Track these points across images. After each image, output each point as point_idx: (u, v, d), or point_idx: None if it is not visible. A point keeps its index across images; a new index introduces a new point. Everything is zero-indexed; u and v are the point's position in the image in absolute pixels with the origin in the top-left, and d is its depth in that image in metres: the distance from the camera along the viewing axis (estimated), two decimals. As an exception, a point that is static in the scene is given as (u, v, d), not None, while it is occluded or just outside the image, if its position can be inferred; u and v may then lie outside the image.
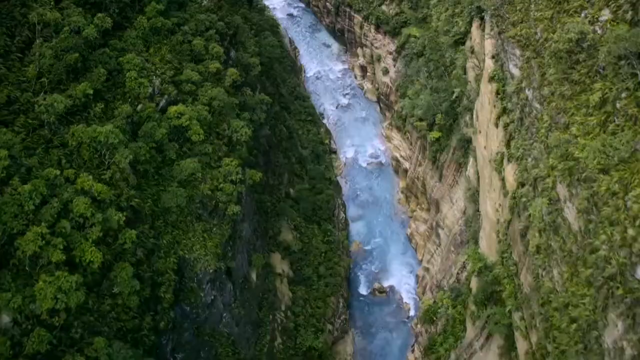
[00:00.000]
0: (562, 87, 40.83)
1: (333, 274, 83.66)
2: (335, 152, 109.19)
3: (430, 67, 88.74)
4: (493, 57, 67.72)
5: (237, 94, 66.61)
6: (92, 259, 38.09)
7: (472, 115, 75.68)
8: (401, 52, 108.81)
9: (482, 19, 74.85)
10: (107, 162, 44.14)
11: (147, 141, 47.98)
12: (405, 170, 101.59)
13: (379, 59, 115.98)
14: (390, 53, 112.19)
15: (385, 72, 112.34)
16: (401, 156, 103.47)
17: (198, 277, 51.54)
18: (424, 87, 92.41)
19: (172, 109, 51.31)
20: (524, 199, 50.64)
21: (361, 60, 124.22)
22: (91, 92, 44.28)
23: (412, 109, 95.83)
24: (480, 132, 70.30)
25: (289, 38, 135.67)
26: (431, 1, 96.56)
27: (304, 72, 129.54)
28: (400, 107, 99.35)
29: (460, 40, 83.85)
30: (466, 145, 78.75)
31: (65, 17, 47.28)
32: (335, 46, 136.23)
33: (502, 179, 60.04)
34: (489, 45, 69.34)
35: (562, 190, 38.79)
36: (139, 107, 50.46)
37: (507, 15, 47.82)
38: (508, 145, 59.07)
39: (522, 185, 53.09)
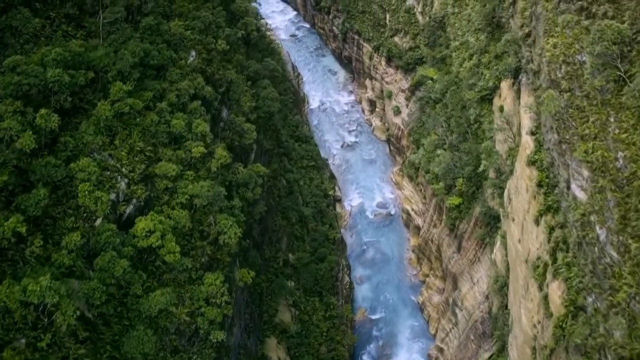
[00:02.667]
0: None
1: (336, 357, 72.49)
2: (339, 200, 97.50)
3: (452, 122, 76.69)
4: (533, 133, 56.08)
5: (226, 172, 54.83)
6: None
7: (501, 192, 64.00)
8: (415, 92, 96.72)
9: (515, 76, 63.07)
10: (45, 322, 32.66)
11: (105, 276, 36.40)
12: (417, 227, 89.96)
13: (389, 96, 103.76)
14: (403, 91, 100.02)
15: (397, 112, 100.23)
16: (413, 209, 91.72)
17: None
18: (442, 142, 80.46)
19: (140, 225, 39.56)
20: (577, 340, 39.40)
21: (369, 94, 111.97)
22: (23, 229, 32.64)
23: (427, 163, 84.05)
24: (513, 220, 58.60)
25: (292, 64, 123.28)
26: (452, 42, 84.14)
27: (308, 102, 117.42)
28: (415, 159, 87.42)
29: (487, 97, 71.77)
30: (492, 222, 67.04)
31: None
32: (342, 74, 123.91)
33: (544, 296, 48.63)
34: (526, 119, 57.58)
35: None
36: (97, 222, 38.79)
37: (574, 123, 36.21)
38: (553, 256, 47.52)
39: (574, 316, 41.87)
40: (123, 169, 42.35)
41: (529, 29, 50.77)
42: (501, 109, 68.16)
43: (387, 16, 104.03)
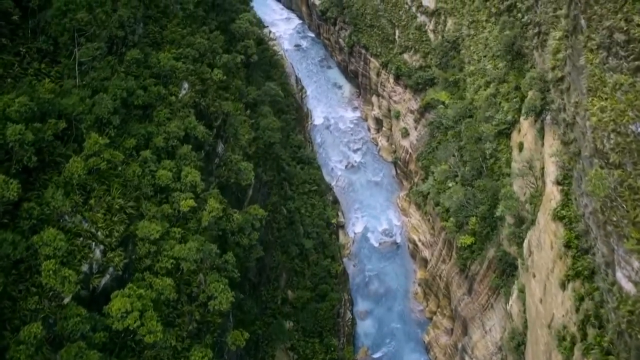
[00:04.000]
0: None
1: (336, 405, 67.13)
2: (342, 226, 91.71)
3: (465, 154, 70.69)
4: (559, 183, 50.29)
5: (220, 220, 48.99)
6: None
7: (520, 240, 58.19)
8: (424, 114, 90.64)
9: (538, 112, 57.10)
10: None
11: (69, 371, 30.81)
12: (425, 260, 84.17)
13: (397, 116, 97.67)
14: (412, 112, 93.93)
15: (405, 133, 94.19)
16: (420, 240, 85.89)
17: None
18: (454, 173, 74.50)
19: (115, 305, 33.81)
20: None
21: (376, 112, 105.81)
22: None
23: (436, 194, 78.13)
24: (534, 276, 52.84)
25: (296, 76, 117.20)
26: (466, 66, 78.00)
27: (311, 118, 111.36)
28: (424, 189, 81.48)
29: (505, 131, 65.80)
30: (508, 269, 61.36)
31: None
32: (347, 88, 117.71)
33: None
34: (552, 166, 51.79)
35: None
36: (65, 300, 33.11)
37: (624, 205, 30.42)
38: (583, 330, 41.90)
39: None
40: (99, 234, 36.55)
41: (562, 74, 44.74)
42: (520, 146, 62.29)
43: (397, 32, 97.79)
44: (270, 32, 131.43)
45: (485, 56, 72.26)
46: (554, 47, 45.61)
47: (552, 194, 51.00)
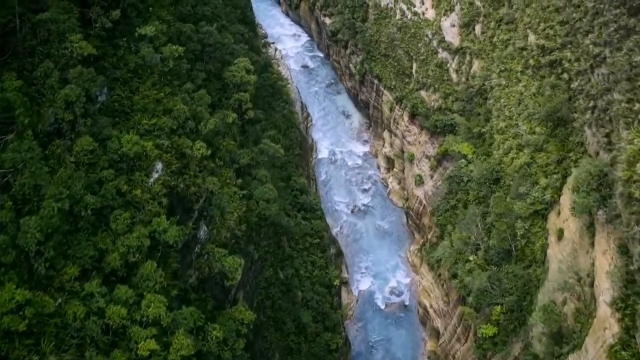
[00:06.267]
0: None
1: None
2: (346, 283, 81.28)
3: (492, 231, 59.82)
4: (617, 308, 39.93)
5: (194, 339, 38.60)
6: None
7: (557, 353, 47.53)
8: (442, 162, 79.65)
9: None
10: None
11: None
12: (436, 330, 73.72)
13: (411, 159, 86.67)
14: (428, 157, 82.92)
15: (419, 181, 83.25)
16: (432, 307, 75.35)
17: None
18: (475, 246, 63.67)
19: None
20: None
21: (387, 149, 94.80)
22: None
23: (453, 263, 67.43)
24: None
25: (301, 103, 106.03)
26: (494, 120, 66.70)
27: (316, 151, 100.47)
28: (439, 255, 70.72)
29: (542, 212, 54.88)
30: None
31: None
32: (357, 118, 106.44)
33: None
34: (606, 282, 41.45)
35: None
36: None
37: None
38: None
39: None
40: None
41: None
42: (560, 233, 51.40)
43: (414, 66, 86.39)
44: (276, 49, 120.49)
45: (519, 114, 61.07)
46: (631, 152, 34.63)
47: (607, 322, 40.46)
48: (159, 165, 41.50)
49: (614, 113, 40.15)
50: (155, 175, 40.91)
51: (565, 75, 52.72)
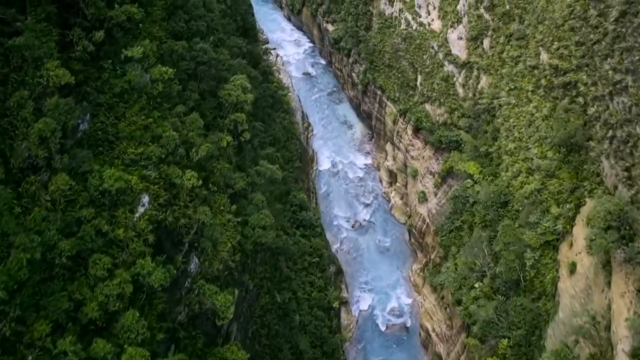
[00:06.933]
0: None
1: None
2: (345, 302, 78.20)
3: (499, 260, 56.67)
4: (637, 358, 36.92)
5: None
6: None
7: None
8: (447, 179, 76.45)
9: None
10: None
11: None
12: (438, 355, 70.57)
13: (414, 175, 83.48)
14: (432, 173, 79.67)
15: (422, 198, 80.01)
16: (434, 330, 72.20)
17: None
18: (481, 272, 60.54)
19: None
20: None
21: (390, 163, 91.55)
22: None
23: (457, 288, 64.33)
24: None
25: (302, 112, 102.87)
26: (502, 140, 63.34)
27: (317, 162, 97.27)
28: (443, 280, 67.63)
29: (553, 242, 51.68)
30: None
31: None
32: (359, 128, 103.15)
33: None
34: (624, 329, 38.45)
35: None
36: None
37: None
38: None
39: None
40: None
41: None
42: (572, 267, 48.26)
43: (419, 78, 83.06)
44: (277, 55, 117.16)
45: (529, 137, 57.76)
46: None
47: (627, 372, 37.21)
48: (145, 199, 38.43)
49: (636, 146, 36.89)
50: (141, 210, 37.84)
51: (581, 99, 49.41)
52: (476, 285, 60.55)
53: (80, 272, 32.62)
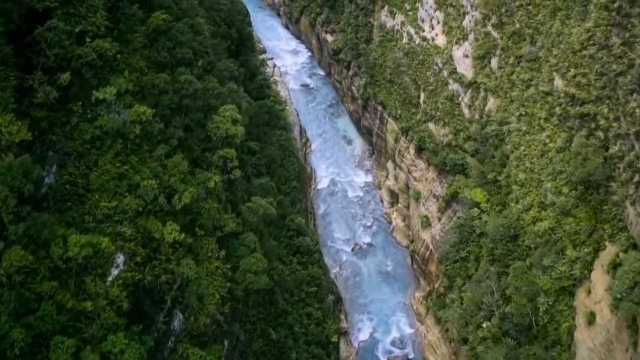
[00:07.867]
0: None
1: None
2: (345, 333, 74.00)
3: (510, 302, 52.35)
4: None
5: None
6: None
7: None
8: (451, 204, 72.03)
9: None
10: None
11: None
12: (443, 392, 66.59)
13: (417, 197, 79.09)
14: (435, 197, 75.27)
15: (426, 223, 75.66)
16: (438, 365, 68.20)
17: None
18: (490, 312, 56.31)
19: None
20: None
21: (391, 182, 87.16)
22: None
23: (463, 325, 60.15)
24: None
25: (300, 127, 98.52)
26: (512, 169, 58.90)
27: (315, 180, 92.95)
28: (448, 316, 63.38)
29: (569, 288, 47.38)
30: None
31: None
32: (359, 143, 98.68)
33: None
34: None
35: None
36: None
37: None
38: None
39: None
40: None
41: None
42: (591, 318, 43.95)
43: (422, 95, 78.53)
44: (274, 65, 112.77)
45: (542, 169, 53.37)
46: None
47: None
48: (120, 259, 34.24)
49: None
50: (115, 272, 33.65)
51: (601, 134, 44.97)
52: (484, 324, 56.29)
53: (42, 354, 28.50)
